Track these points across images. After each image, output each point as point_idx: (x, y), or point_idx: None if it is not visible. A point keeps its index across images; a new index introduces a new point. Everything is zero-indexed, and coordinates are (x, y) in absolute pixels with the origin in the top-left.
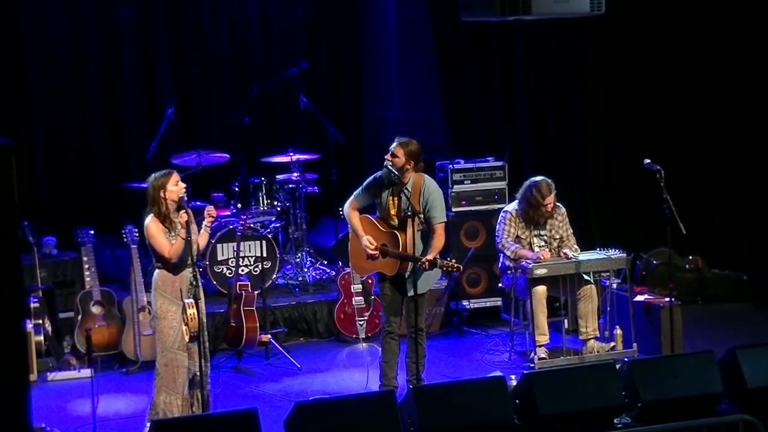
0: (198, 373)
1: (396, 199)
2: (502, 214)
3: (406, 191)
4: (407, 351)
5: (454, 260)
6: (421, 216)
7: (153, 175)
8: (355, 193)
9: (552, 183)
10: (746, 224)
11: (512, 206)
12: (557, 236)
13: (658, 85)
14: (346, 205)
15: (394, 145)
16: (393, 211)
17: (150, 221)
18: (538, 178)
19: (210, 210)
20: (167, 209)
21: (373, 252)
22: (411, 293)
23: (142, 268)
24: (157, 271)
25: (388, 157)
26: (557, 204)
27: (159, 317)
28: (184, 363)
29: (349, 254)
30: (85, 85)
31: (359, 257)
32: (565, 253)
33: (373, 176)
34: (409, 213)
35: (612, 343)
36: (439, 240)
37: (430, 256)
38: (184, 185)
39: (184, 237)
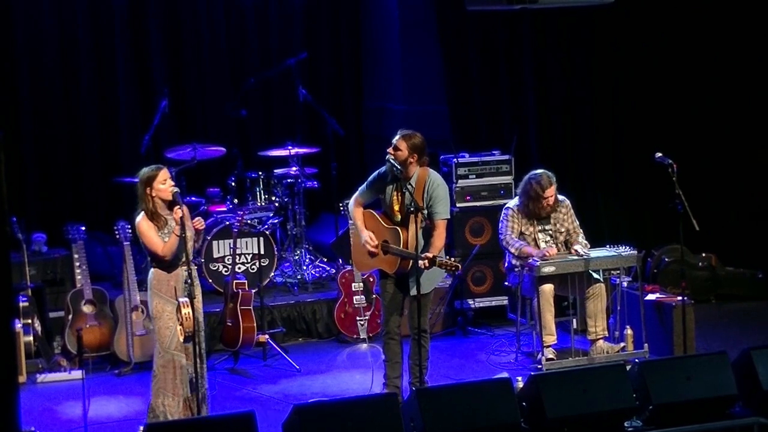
0: (194, 375)
1: (400, 194)
2: (503, 211)
3: (409, 186)
4: (410, 352)
5: (453, 259)
6: (425, 212)
7: (142, 170)
8: (359, 189)
9: (553, 175)
10: (761, 220)
11: (513, 202)
12: (563, 230)
13: (669, 77)
14: (351, 201)
15: (397, 137)
16: (396, 207)
17: (140, 219)
18: (539, 170)
19: (197, 222)
20: (154, 206)
21: (374, 249)
22: (414, 292)
23: (135, 265)
24: (151, 270)
25: (390, 150)
26: (560, 197)
27: (155, 317)
28: (182, 363)
29: (351, 250)
30: (76, 76)
31: (361, 253)
32: (575, 250)
33: (377, 172)
34: (412, 209)
35: (622, 344)
36: (439, 238)
37: (429, 254)
38: (172, 183)
39: (178, 234)
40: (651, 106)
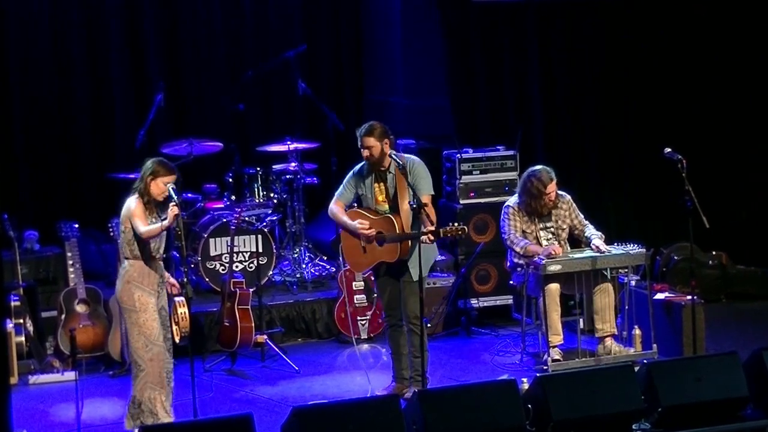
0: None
1: (382, 184)
2: (503, 209)
3: (390, 174)
4: (408, 345)
5: (456, 223)
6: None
7: (158, 159)
8: (337, 192)
9: (551, 171)
10: None
11: (513, 200)
12: (564, 226)
13: (679, 70)
14: (331, 205)
15: (361, 138)
16: (381, 197)
17: (136, 203)
18: (537, 166)
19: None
20: (149, 197)
21: (369, 232)
22: (414, 278)
23: None
24: (130, 261)
25: (366, 154)
26: (560, 193)
27: (139, 310)
28: (165, 356)
29: (344, 253)
30: (69, 69)
31: (355, 253)
32: (596, 246)
33: (351, 171)
34: (414, 206)
35: (631, 349)
36: (430, 212)
37: (431, 227)
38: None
39: (166, 226)
40: (660, 100)
